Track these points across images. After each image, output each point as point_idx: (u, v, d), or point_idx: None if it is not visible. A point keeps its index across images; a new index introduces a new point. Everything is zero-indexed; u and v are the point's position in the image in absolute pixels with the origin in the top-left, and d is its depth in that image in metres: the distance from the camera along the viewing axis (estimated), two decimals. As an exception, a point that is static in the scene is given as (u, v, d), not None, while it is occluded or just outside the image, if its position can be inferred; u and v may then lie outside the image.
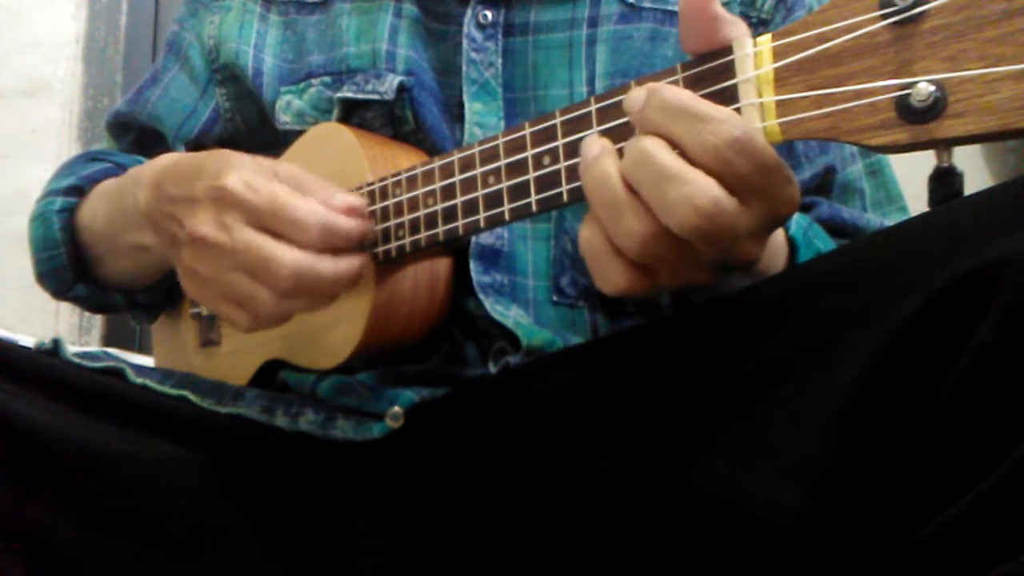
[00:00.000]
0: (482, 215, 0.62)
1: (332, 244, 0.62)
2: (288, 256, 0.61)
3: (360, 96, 0.77)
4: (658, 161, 0.48)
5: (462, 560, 0.65)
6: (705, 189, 0.47)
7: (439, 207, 0.65)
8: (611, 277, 0.52)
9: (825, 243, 0.70)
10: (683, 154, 0.48)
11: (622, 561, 0.58)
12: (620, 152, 0.52)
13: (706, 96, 0.51)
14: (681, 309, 0.74)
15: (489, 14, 0.76)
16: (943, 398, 0.44)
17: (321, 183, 0.65)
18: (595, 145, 0.52)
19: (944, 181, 0.45)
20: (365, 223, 0.65)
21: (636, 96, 0.51)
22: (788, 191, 0.50)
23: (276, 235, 0.61)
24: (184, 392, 0.70)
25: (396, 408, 0.67)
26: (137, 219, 0.71)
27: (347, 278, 0.63)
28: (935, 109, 0.44)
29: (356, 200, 0.65)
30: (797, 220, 0.68)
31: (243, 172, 0.63)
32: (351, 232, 0.63)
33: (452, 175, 0.64)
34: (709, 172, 0.48)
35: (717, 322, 0.56)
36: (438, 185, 0.65)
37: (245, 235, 0.61)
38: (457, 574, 0.66)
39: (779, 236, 0.65)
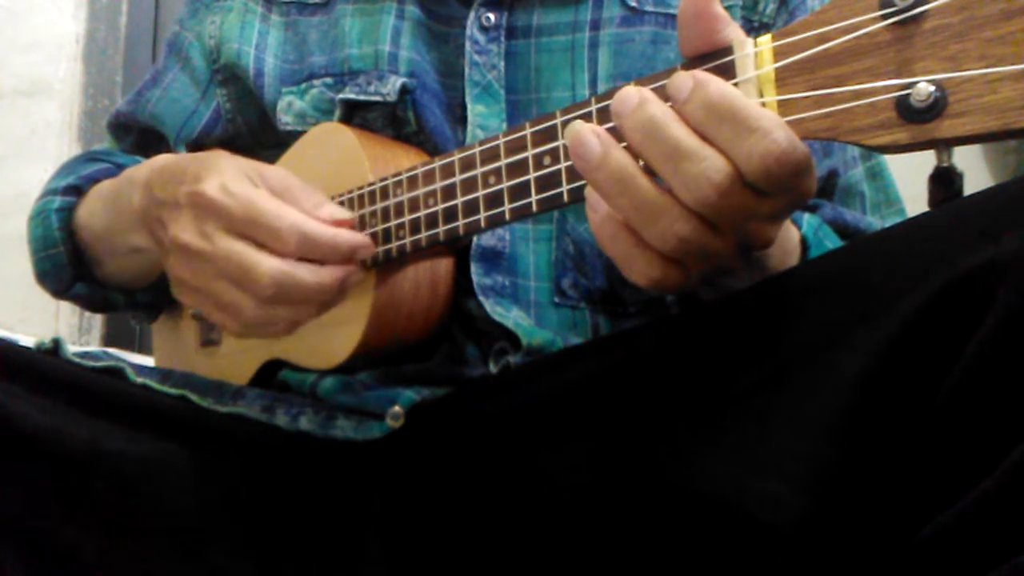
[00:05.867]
0: (483, 215, 0.62)
1: (312, 253, 0.62)
2: (267, 265, 0.61)
3: (362, 98, 0.77)
4: (672, 135, 0.48)
5: (462, 560, 0.65)
6: (722, 166, 0.47)
7: (440, 207, 0.65)
8: (643, 269, 0.51)
9: (835, 244, 0.70)
10: (722, 152, 0.48)
11: (622, 561, 0.58)
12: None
13: None
14: (682, 309, 0.74)
15: (492, 16, 0.76)
16: (943, 398, 0.45)
17: (310, 192, 0.65)
18: (595, 142, 0.50)
19: (944, 181, 0.45)
20: (353, 236, 0.64)
21: (682, 83, 0.48)
22: (808, 183, 0.50)
23: (256, 242, 0.61)
24: (184, 392, 0.70)
25: (396, 408, 0.67)
26: (132, 220, 0.71)
27: (332, 288, 0.63)
28: (935, 109, 0.44)
29: (342, 212, 0.65)
30: (808, 220, 0.68)
31: (223, 177, 0.63)
32: (334, 242, 0.63)
33: (453, 175, 0.64)
34: (746, 177, 0.47)
35: (717, 321, 0.56)
36: (439, 185, 0.65)
37: (224, 243, 0.61)
38: (457, 574, 0.66)
39: (793, 236, 0.65)
